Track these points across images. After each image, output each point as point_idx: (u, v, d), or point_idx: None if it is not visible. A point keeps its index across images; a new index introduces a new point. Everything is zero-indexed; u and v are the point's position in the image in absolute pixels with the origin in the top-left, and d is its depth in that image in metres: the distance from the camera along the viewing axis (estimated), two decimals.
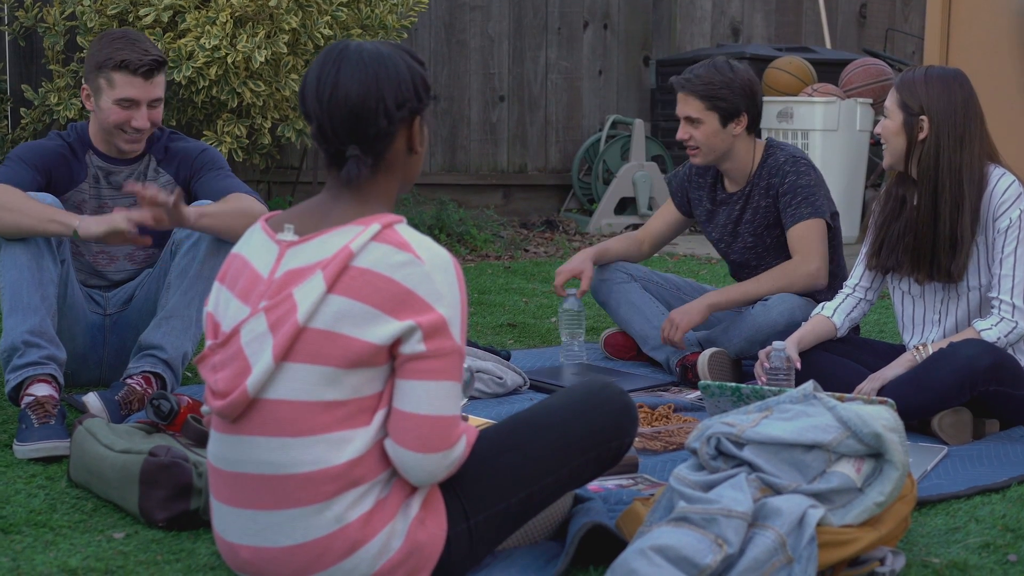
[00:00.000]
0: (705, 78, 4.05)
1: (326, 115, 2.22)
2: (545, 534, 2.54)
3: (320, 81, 2.22)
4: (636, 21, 8.72)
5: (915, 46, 9.57)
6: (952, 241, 3.47)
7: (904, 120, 3.49)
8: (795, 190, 4.06)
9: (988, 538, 2.65)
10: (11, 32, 6.19)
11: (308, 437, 2.16)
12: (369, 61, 2.23)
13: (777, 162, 4.12)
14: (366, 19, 6.11)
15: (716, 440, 2.46)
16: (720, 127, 4.07)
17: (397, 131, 2.26)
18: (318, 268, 2.16)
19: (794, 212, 4.06)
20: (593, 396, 2.42)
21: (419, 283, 2.15)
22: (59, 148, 3.70)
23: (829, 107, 7.23)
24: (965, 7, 6.19)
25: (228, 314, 2.26)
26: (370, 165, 2.25)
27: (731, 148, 4.12)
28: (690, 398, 3.86)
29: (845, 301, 3.73)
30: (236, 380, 2.20)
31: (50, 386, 3.34)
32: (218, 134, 5.75)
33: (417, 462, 2.18)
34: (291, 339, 2.15)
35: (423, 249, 2.18)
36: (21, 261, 3.43)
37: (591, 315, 5.23)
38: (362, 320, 2.14)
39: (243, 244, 2.32)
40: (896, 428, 2.46)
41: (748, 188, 4.17)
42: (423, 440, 2.17)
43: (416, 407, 2.17)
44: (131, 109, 3.61)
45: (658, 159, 8.35)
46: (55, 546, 2.59)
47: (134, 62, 3.57)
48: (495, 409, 3.62)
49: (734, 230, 4.24)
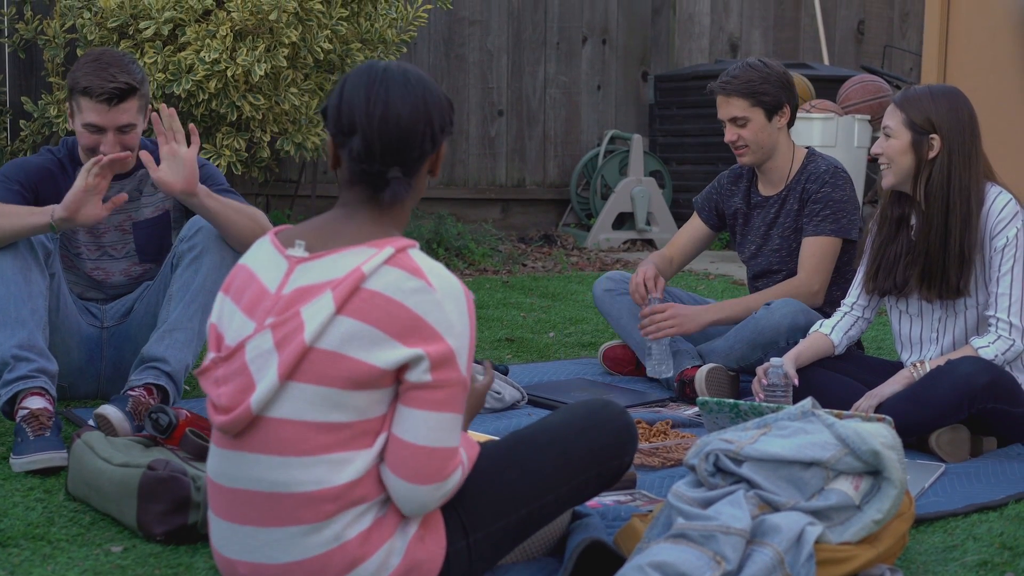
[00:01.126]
0: (743, 77, 4.11)
1: (376, 134, 2.19)
2: (543, 550, 2.54)
3: (370, 100, 2.19)
4: (635, 37, 8.74)
5: (913, 63, 9.60)
6: (962, 258, 3.46)
7: (913, 139, 3.48)
8: (826, 202, 4.09)
9: (986, 556, 2.65)
10: (11, 44, 6.20)
11: (309, 457, 2.15)
12: (415, 83, 2.22)
13: (818, 169, 4.15)
14: (366, 33, 6.13)
15: (714, 457, 2.47)
16: (767, 122, 4.12)
17: (430, 155, 2.27)
18: (328, 288, 2.14)
19: (817, 224, 4.08)
20: (594, 415, 2.42)
21: (430, 311, 2.14)
22: (47, 164, 3.68)
23: (827, 123, 7.24)
24: (963, 24, 6.21)
25: (232, 327, 2.24)
26: (407, 187, 2.25)
27: (777, 144, 4.16)
28: (688, 414, 3.85)
29: (843, 319, 3.73)
30: (240, 396, 2.19)
31: (44, 398, 3.33)
32: (217, 147, 5.76)
33: (409, 492, 2.16)
34: (297, 358, 2.14)
35: (435, 276, 2.17)
36: (8, 275, 3.41)
37: (589, 330, 5.24)
38: (370, 343, 2.12)
39: (250, 256, 2.30)
40: (894, 446, 2.47)
41: (785, 192, 4.20)
42: (417, 471, 2.15)
43: (414, 437, 2.15)
44: (97, 135, 3.57)
45: (656, 174, 8.36)
46: (53, 559, 2.59)
47: (95, 89, 3.51)
48: (493, 424, 3.62)
49: (767, 233, 4.24)
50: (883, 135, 3.53)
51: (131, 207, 3.78)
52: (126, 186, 3.77)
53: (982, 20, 6.15)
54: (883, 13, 9.81)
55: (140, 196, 3.79)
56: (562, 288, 6.34)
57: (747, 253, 4.34)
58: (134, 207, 3.79)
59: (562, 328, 5.33)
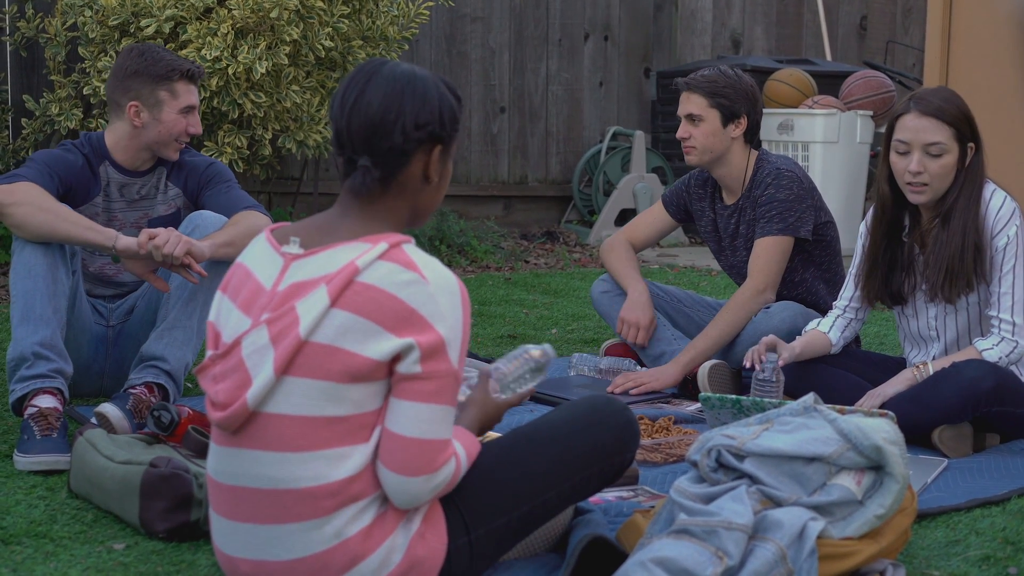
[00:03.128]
0: (710, 77, 4.12)
1: (344, 121, 2.23)
2: (545, 546, 2.54)
3: (347, 89, 2.25)
4: (637, 33, 8.74)
5: (915, 58, 9.58)
6: (976, 252, 3.41)
7: (959, 153, 3.39)
8: (771, 203, 4.07)
9: (988, 551, 2.65)
10: (12, 42, 6.19)
11: (307, 452, 2.16)
12: (399, 77, 2.24)
13: (762, 174, 4.13)
14: (367, 31, 6.12)
15: (717, 452, 2.47)
16: (720, 127, 4.09)
17: (413, 153, 2.26)
18: (322, 282, 2.16)
19: (764, 226, 4.07)
20: (596, 411, 2.42)
21: (423, 303, 2.14)
22: (78, 161, 3.68)
23: (830, 119, 7.23)
24: (965, 19, 6.20)
25: (229, 325, 2.25)
26: (378, 179, 2.25)
27: (727, 152, 4.13)
28: (690, 410, 3.86)
29: (837, 320, 3.71)
30: (236, 392, 2.19)
31: (55, 398, 3.33)
32: (219, 145, 5.76)
33: (400, 484, 2.16)
34: (292, 352, 2.14)
35: (429, 270, 2.18)
36: (36, 271, 3.42)
37: (592, 326, 5.24)
38: (364, 335, 2.13)
39: (247, 254, 2.32)
40: (896, 441, 2.46)
41: (740, 201, 4.19)
42: (407, 463, 2.15)
43: (404, 428, 2.15)
44: (189, 116, 3.68)
45: (659, 171, 8.35)
46: (55, 557, 2.59)
47: (195, 70, 3.68)
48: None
49: (732, 243, 4.26)
50: (923, 154, 3.38)
51: (148, 205, 3.80)
52: (147, 182, 3.78)
53: (985, 16, 6.14)
54: (886, 9, 9.80)
55: (157, 193, 3.80)
56: (564, 285, 6.34)
57: (722, 260, 4.37)
58: (150, 204, 3.80)
59: (564, 325, 5.33)
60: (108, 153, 3.72)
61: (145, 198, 3.78)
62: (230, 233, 3.58)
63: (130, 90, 3.65)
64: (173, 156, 3.74)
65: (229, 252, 3.54)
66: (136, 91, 3.64)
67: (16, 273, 3.44)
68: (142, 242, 3.40)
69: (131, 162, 3.73)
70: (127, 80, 3.65)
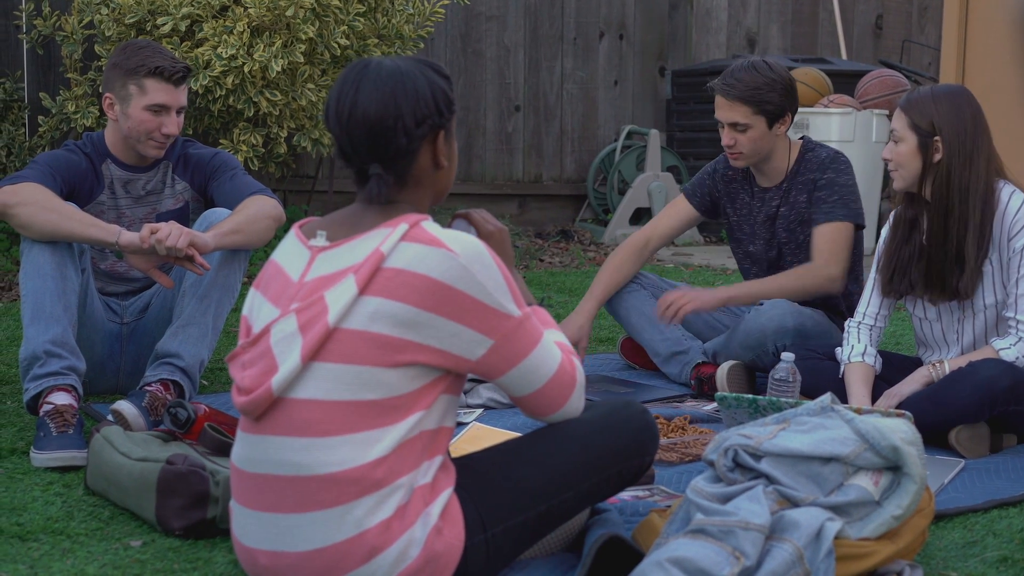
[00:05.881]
0: (749, 82, 3.96)
1: (345, 134, 2.25)
2: (561, 545, 2.54)
3: (339, 100, 2.25)
4: (652, 31, 8.73)
5: (931, 57, 9.56)
6: (959, 259, 3.44)
7: (919, 142, 3.44)
8: (833, 187, 3.99)
9: (1006, 552, 2.64)
10: (29, 40, 6.21)
11: (334, 437, 2.16)
12: (387, 78, 2.24)
13: (818, 158, 4.05)
14: (383, 29, 6.13)
15: (733, 452, 2.46)
16: (767, 130, 4.00)
17: (419, 148, 2.28)
18: (349, 272, 2.18)
19: (828, 210, 3.98)
20: (616, 413, 2.43)
21: (458, 278, 2.16)
22: (80, 161, 3.70)
23: (845, 118, 7.22)
24: (982, 18, 6.18)
25: (260, 316, 2.29)
26: (392, 183, 2.27)
27: (774, 147, 4.07)
28: (706, 410, 3.85)
29: (863, 337, 3.66)
30: (262, 378, 2.21)
31: (70, 395, 3.34)
32: (234, 143, 5.77)
33: (559, 417, 2.35)
34: (321, 339, 2.16)
35: (454, 242, 2.19)
36: (45, 270, 3.43)
37: (607, 325, 5.23)
38: (401, 320, 2.15)
39: (278, 251, 2.35)
40: (914, 441, 2.46)
41: (785, 184, 4.09)
42: (551, 404, 2.32)
43: (524, 389, 2.29)
44: (161, 115, 3.64)
45: (673, 169, 8.35)
46: (72, 554, 2.60)
47: (168, 69, 3.61)
48: (511, 419, 3.62)
49: (768, 225, 4.15)
50: (891, 139, 3.50)
51: (155, 199, 3.80)
52: (152, 177, 3.79)
53: (1001, 15, 6.12)
54: (901, 7, 9.77)
55: (164, 188, 3.81)
56: (579, 283, 6.33)
57: (744, 245, 4.24)
58: (158, 199, 3.80)
59: None
60: (108, 150, 3.73)
61: (152, 193, 3.78)
62: (236, 220, 3.58)
63: (108, 82, 3.69)
64: (153, 154, 3.71)
65: (236, 240, 3.54)
66: (111, 83, 3.67)
67: (25, 273, 3.45)
68: (144, 236, 3.41)
69: (128, 157, 3.74)
70: (107, 72, 3.70)
